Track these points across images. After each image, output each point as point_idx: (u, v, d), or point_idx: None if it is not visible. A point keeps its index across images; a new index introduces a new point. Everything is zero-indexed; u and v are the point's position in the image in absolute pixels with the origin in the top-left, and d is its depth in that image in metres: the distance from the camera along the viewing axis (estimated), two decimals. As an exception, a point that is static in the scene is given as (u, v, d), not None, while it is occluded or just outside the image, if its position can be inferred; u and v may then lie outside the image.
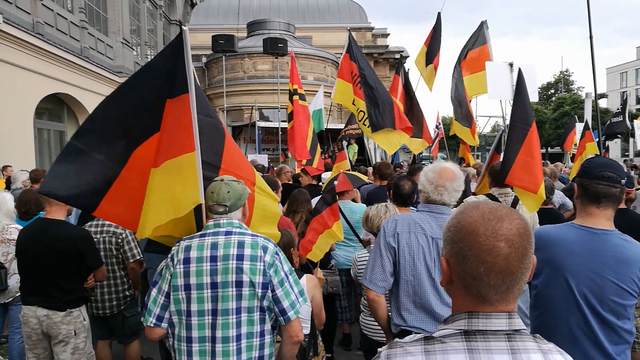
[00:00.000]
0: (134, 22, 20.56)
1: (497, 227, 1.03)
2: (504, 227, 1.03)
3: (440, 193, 2.48)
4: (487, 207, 1.08)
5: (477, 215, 1.06)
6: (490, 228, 1.03)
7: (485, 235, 1.03)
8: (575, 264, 2.01)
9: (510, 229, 1.03)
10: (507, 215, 1.06)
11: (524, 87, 3.92)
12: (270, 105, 17.75)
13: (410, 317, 2.42)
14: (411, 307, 2.42)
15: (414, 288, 2.41)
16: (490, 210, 1.07)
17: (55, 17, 13.62)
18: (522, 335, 1.06)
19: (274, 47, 14.56)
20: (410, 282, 2.42)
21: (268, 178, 4.18)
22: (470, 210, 1.09)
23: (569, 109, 33.41)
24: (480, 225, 1.04)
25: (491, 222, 1.04)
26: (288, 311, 2.15)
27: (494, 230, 1.03)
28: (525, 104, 3.86)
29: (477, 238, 1.03)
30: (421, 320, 2.40)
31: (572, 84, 43.73)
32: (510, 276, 1.03)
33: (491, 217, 1.05)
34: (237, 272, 2.09)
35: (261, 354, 2.15)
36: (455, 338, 1.05)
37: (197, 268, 2.11)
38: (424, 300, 2.39)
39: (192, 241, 2.18)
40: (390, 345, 1.11)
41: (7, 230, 4.02)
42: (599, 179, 2.04)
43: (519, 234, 1.04)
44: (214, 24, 23.81)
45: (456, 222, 1.09)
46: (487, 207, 1.08)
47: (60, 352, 3.23)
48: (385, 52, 25.46)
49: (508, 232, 1.03)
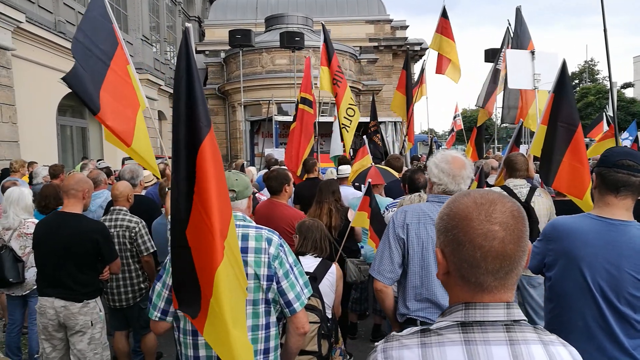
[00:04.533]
0: (154, 19, 20.78)
1: (490, 210, 1.01)
2: (497, 210, 1.01)
3: (458, 183, 2.44)
4: (478, 193, 1.06)
5: (469, 201, 1.04)
6: (484, 212, 1.01)
7: (479, 219, 1.00)
8: (590, 255, 1.94)
9: (504, 212, 1.01)
10: (499, 198, 1.04)
11: (567, 82, 3.72)
12: (288, 99, 17.74)
13: (415, 307, 2.40)
14: (418, 298, 2.40)
15: (422, 279, 2.38)
16: (482, 195, 1.05)
17: (76, 16, 13.83)
18: (522, 326, 1.02)
19: (290, 41, 14.53)
20: (418, 274, 2.39)
21: (278, 171, 4.16)
22: (462, 197, 1.07)
23: (593, 99, 32.56)
24: (473, 210, 1.02)
25: (484, 206, 1.02)
26: (294, 303, 2.14)
27: (487, 214, 1.01)
28: (570, 101, 3.65)
29: (471, 223, 1.01)
30: (426, 310, 2.37)
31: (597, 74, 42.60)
32: (508, 260, 1.00)
33: (483, 201, 1.03)
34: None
35: (267, 346, 2.13)
36: (452, 330, 1.02)
37: None
38: (431, 291, 2.36)
39: None
40: (387, 339, 1.09)
41: (25, 225, 4.11)
42: (618, 167, 1.97)
43: (513, 216, 1.01)
44: (232, 20, 23.84)
45: (448, 211, 1.07)
46: (478, 192, 1.07)
47: (77, 342, 3.29)
48: (405, 44, 25.17)
49: (502, 215, 1.01)
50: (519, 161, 4.08)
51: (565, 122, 3.61)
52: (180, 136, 1.83)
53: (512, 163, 4.09)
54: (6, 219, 4.19)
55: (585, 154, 3.60)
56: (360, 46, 23.73)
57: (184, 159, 1.83)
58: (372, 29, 24.95)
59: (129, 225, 3.95)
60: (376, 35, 24.80)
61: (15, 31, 10.39)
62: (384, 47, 24.89)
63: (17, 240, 4.11)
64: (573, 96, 3.68)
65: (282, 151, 12.72)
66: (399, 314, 2.49)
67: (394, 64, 25.38)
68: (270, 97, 16.81)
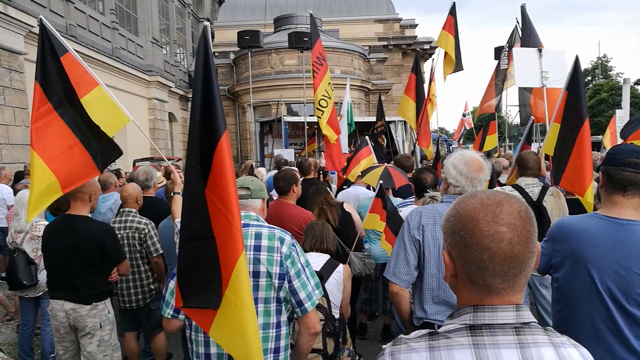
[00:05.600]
0: (163, 21, 20.94)
1: (497, 211, 1.00)
2: (504, 211, 1.00)
3: (475, 186, 2.41)
4: (485, 194, 1.05)
5: (476, 202, 1.03)
6: (490, 213, 1.00)
7: (486, 220, 0.99)
8: (598, 256, 1.91)
9: (511, 213, 1.00)
10: (506, 199, 1.02)
11: (580, 80, 3.68)
12: (297, 100, 17.75)
13: (432, 310, 2.37)
14: (435, 300, 2.37)
15: (438, 282, 2.35)
16: (488, 196, 1.04)
17: (87, 19, 14.00)
18: (532, 329, 1.00)
19: (299, 42, 14.53)
20: (435, 276, 2.35)
21: (286, 172, 4.17)
22: (468, 199, 1.06)
23: (606, 96, 32.14)
24: (479, 212, 1.01)
25: (490, 207, 1.01)
26: (305, 302, 2.15)
27: (494, 215, 0.99)
28: (581, 98, 3.61)
29: (477, 224, 1.00)
30: (444, 314, 2.34)
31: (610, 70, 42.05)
32: (516, 261, 0.98)
33: (490, 202, 1.02)
34: (254, 263, 2.10)
35: (277, 345, 2.14)
36: (460, 333, 1.00)
37: None
38: (448, 294, 2.32)
39: None
40: (395, 342, 1.08)
41: (36, 227, 4.15)
42: (625, 166, 1.94)
43: (520, 217, 1.00)
44: (241, 21, 23.95)
45: (455, 212, 1.06)
46: (485, 193, 1.05)
47: (87, 344, 3.32)
48: (414, 43, 25.09)
49: (509, 216, 0.99)
50: (531, 159, 4.03)
51: (576, 120, 3.57)
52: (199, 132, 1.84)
53: (524, 161, 4.04)
54: (18, 222, 4.25)
55: (589, 150, 3.55)
56: (369, 45, 23.69)
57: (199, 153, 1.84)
58: (381, 28, 24.90)
59: (138, 226, 3.98)
60: (385, 35, 24.75)
61: (28, 35, 10.54)
62: (393, 46, 24.83)
63: (29, 242, 4.16)
64: (584, 94, 3.64)
65: (292, 152, 12.79)
66: (415, 318, 2.45)
67: (403, 63, 25.30)
68: (279, 97, 16.83)
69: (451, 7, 7.85)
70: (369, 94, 22.66)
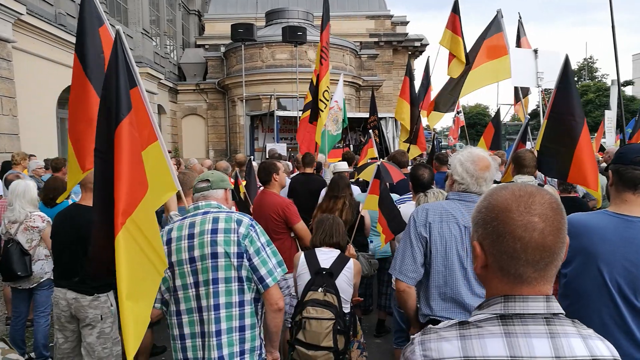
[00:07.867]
0: (154, 12, 20.67)
1: (529, 202, 1.02)
2: (537, 202, 1.02)
3: (480, 185, 2.40)
4: (516, 186, 1.07)
5: (508, 194, 1.05)
6: (523, 204, 1.02)
7: (519, 211, 1.01)
8: (608, 252, 1.94)
9: (543, 204, 1.02)
10: (538, 191, 1.05)
11: (570, 77, 3.74)
12: (289, 94, 17.68)
13: (439, 307, 2.37)
14: (442, 297, 2.37)
15: (445, 279, 2.35)
16: (520, 187, 1.06)
17: (76, 8, 13.73)
18: (561, 320, 1.02)
19: (293, 36, 14.45)
20: (442, 273, 2.36)
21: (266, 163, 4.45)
22: (500, 190, 1.08)
23: (593, 97, 32.59)
24: (512, 202, 1.03)
25: (523, 198, 1.03)
26: (266, 278, 2.25)
27: (527, 206, 1.01)
28: (573, 94, 3.67)
29: (510, 214, 1.02)
30: (451, 311, 2.34)
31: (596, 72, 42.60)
32: (548, 251, 1.00)
33: (522, 193, 1.04)
34: (211, 245, 2.22)
35: (241, 323, 2.25)
36: (491, 322, 1.02)
37: (176, 246, 2.28)
38: (455, 291, 2.33)
39: (173, 224, 2.36)
40: (424, 331, 1.08)
41: (31, 218, 4.09)
42: (636, 164, 1.97)
43: (552, 208, 1.02)
44: (232, 14, 23.74)
45: (487, 204, 1.07)
46: (516, 185, 1.07)
47: (87, 335, 3.29)
48: (405, 40, 25.12)
49: (541, 207, 1.01)
50: (528, 157, 4.07)
51: (571, 114, 3.63)
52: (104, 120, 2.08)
53: (521, 159, 4.08)
54: (12, 212, 4.18)
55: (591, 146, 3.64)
56: (360, 42, 23.67)
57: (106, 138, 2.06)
58: (373, 25, 24.89)
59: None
60: (376, 31, 24.75)
61: (16, 23, 10.32)
62: (384, 43, 24.84)
63: (23, 233, 4.10)
64: (577, 91, 3.72)
65: (284, 146, 12.76)
66: (421, 315, 2.45)
67: (394, 60, 25.34)
68: (272, 91, 16.77)
69: (454, 5, 7.79)
70: (359, 90, 22.65)
